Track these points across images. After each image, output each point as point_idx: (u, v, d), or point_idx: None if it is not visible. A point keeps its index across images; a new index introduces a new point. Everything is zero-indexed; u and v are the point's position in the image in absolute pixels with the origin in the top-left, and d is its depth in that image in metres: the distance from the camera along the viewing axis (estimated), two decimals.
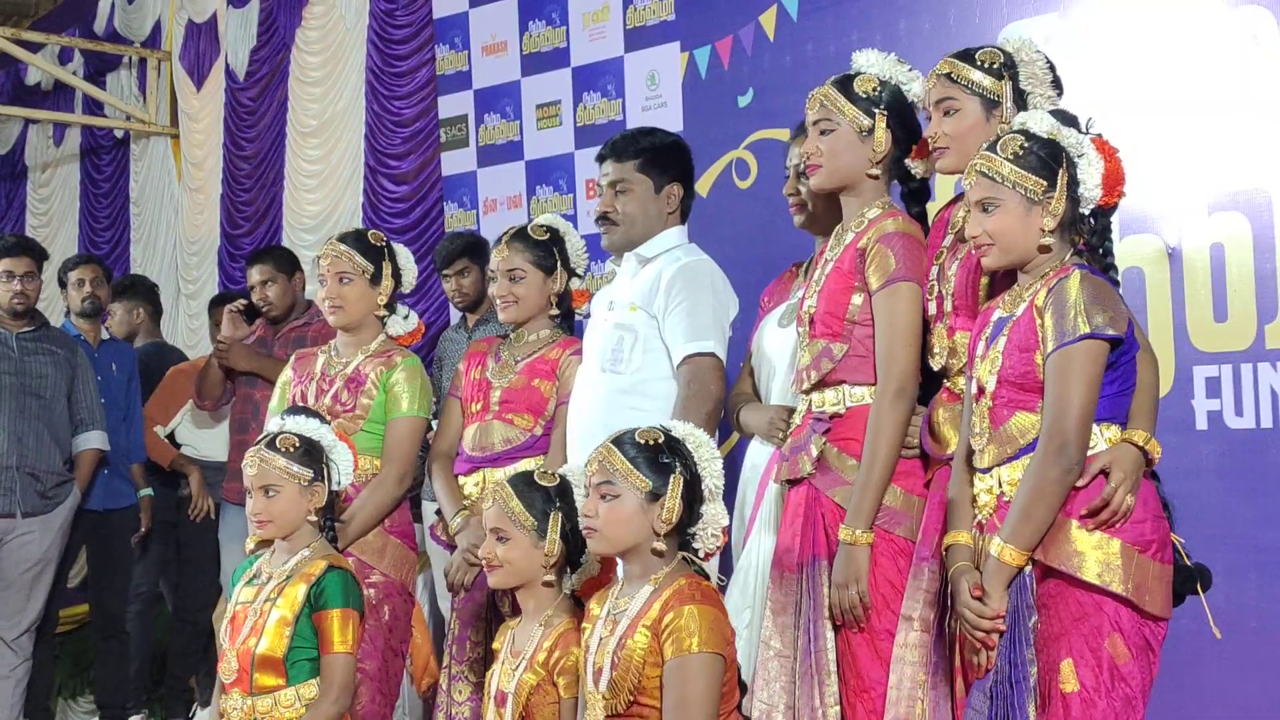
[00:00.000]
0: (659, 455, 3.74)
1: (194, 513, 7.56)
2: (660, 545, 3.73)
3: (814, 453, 3.95)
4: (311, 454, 4.37)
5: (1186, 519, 3.66)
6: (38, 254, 7.09)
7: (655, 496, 3.72)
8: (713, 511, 3.78)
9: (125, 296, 8.20)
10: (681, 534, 3.77)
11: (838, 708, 3.85)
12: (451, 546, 4.82)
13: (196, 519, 7.56)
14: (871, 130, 4.00)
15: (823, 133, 4.04)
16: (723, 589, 4.18)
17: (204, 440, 7.68)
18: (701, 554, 3.81)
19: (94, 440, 7.03)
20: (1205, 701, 5.00)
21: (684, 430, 3.82)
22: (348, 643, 4.21)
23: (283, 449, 4.33)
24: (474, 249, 6.83)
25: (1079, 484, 3.36)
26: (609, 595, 3.83)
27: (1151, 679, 3.40)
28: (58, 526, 6.89)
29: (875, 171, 4.02)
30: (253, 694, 4.21)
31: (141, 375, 7.60)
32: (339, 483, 4.45)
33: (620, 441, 3.78)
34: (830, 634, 3.88)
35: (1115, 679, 3.33)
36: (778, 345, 4.44)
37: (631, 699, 3.64)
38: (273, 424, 4.50)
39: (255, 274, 7.04)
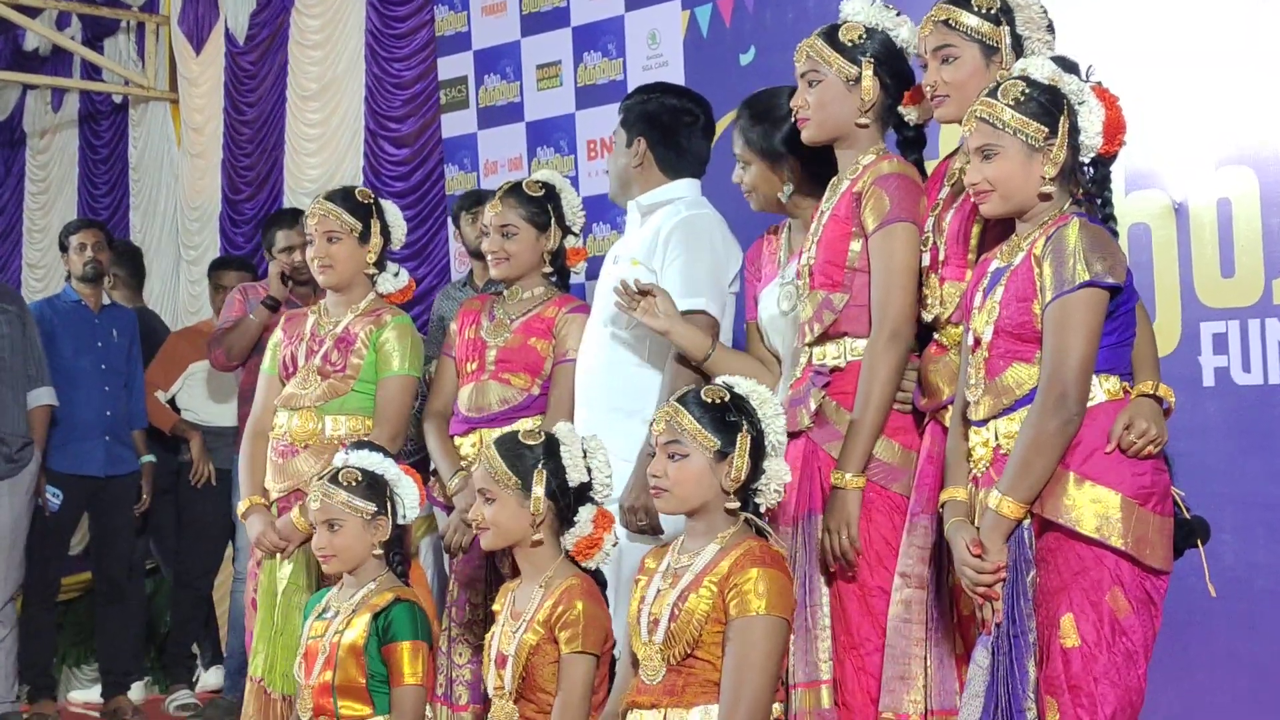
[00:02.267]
0: (725, 414, 3.71)
1: (195, 478, 7.53)
2: (731, 504, 3.72)
3: (812, 406, 3.92)
4: (374, 488, 4.38)
5: (1194, 476, 3.64)
6: None
7: (723, 455, 3.69)
8: (775, 467, 3.75)
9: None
10: (745, 490, 3.74)
11: (830, 662, 3.84)
12: (448, 508, 4.78)
13: (197, 484, 7.53)
14: (858, 79, 3.96)
15: (810, 84, 4.01)
16: None
17: (205, 405, 7.65)
18: (763, 509, 3.79)
19: (44, 397, 6.97)
20: (1213, 660, 4.97)
21: (748, 387, 3.79)
22: (418, 674, 4.25)
23: (345, 483, 4.35)
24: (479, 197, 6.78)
25: (1106, 450, 3.31)
26: (669, 550, 3.82)
27: (1154, 633, 3.37)
28: (24, 490, 6.86)
29: (864, 121, 3.98)
30: None
31: None
32: (404, 516, 4.45)
33: (686, 401, 3.75)
34: (824, 589, 3.87)
35: (1116, 633, 3.30)
36: (779, 332, 4.36)
37: (688, 651, 3.63)
38: (337, 458, 4.50)
39: (293, 237, 6.85)
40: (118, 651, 7.46)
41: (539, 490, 4.02)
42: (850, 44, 3.97)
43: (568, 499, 4.05)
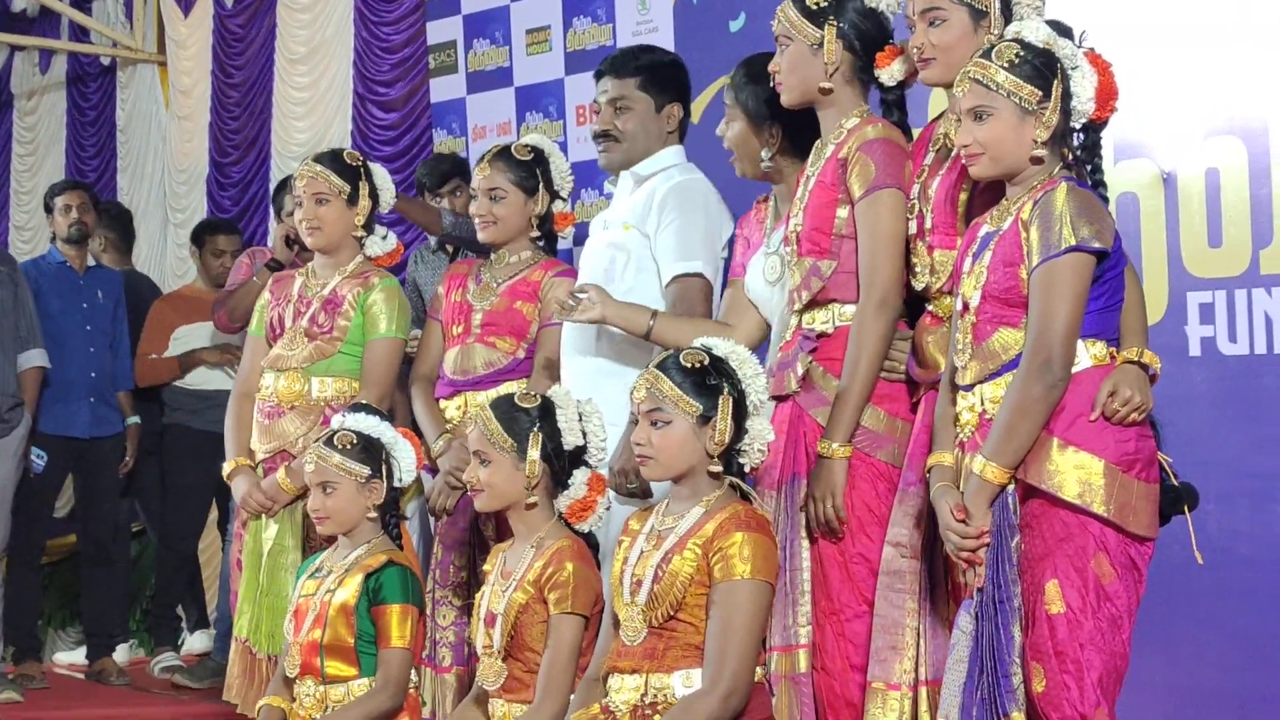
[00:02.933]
0: (706, 378, 3.70)
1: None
2: (715, 467, 3.72)
3: (799, 371, 3.91)
4: (370, 451, 4.38)
5: (1179, 445, 3.62)
6: None
7: (706, 419, 3.69)
8: (758, 427, 3.75)
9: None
10: (729, 452, 3.74)
11: (809, 627, 3.84)
12: (434, 471, 4.78)
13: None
14: (821, 43, 3.95)
15: (782, 49, 4.01)
16: None
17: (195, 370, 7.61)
18: (747, 468, 3.79)
19: (36, 359, 6.97)
20: (1196, 628, 4.99)
21: (726, 348, 3.78)
22: (405, 638, 4.26)
23: (340, 446, 4.35)
24: (464, 167, 6.76)
25: (1090, 418, 3.32)
26: (653, 512, 3.82)
27: (1138, 599, 3.37)
28: (12, 452, 6.86)
29: (828, 85, 3.96)
30: (325, 682, 4.28)
31: None
32: (401, 480, 4.45)
33: (666, 367, 3.74)
34: (806, 553, 3.87)
35: (1101, 599, 3.30)
36: (766, 301, 4.35)
37: (670, 614, 3.63)
38: (335, 420, 4.50)
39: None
40: (103, 613, 7.47)
41: (535, 453, 4.02)
42: (815, 8, 3.96)
43: (562, 462, 4.06)
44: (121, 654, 7.60)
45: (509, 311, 4.78)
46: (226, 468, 4.90)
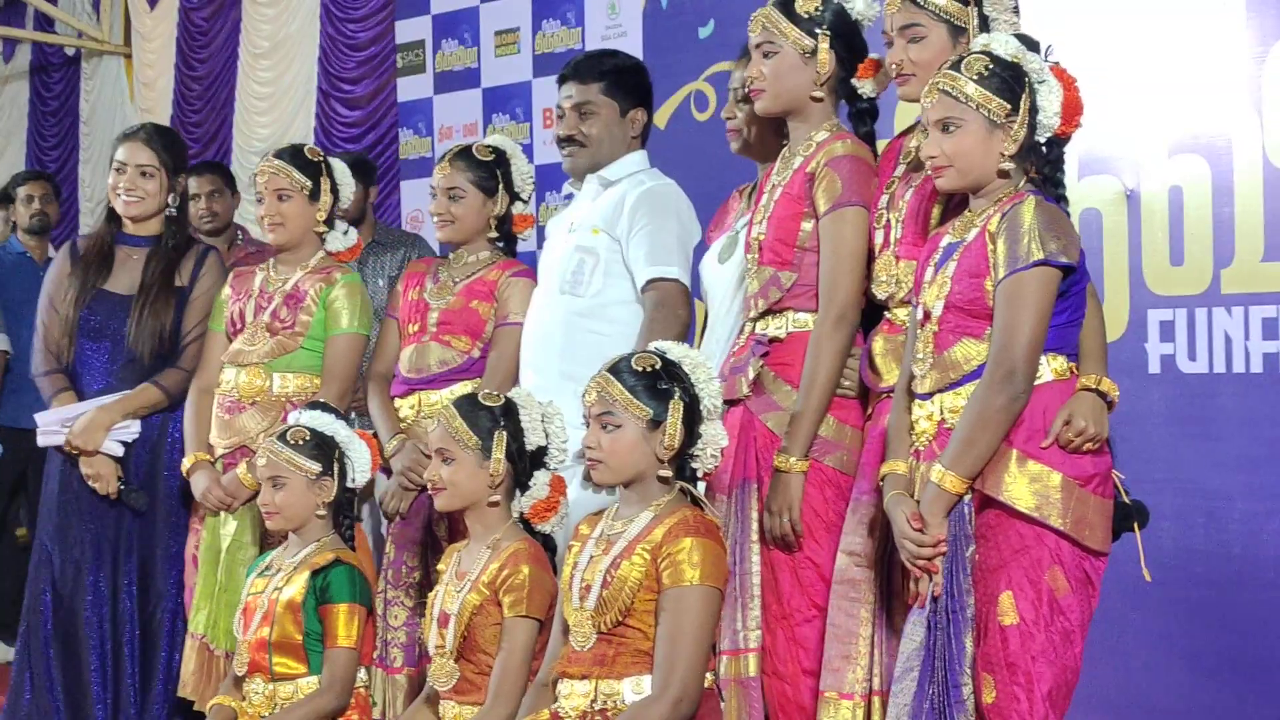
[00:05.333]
0: (657, 382, 3.69)
1: None
2: (665, 472, 3.70)
3: (751, 375, 3.92)
4: (322, 448, 4.38)
5: (1136, 463, 3.66)
6: None
7: (656, 424, 3.67)
8: (711, 432, 3.74)
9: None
10: (681, 456, 3.73)
11: (759, 631, 3.85)
12: (387, 471, 4.76)
13: None
14: (814, 52, 3.95)
15: (765, 55, 4.00)
16: None
17: None
18: (700, 474, 3.79)
19: None
20: (1148, 645, 5.01)
21: (679, 352, 3.78)
22: (351, 638, 4.26)
23: (292, 441, 4.35)
24: (362, 165, 6.72)
25: (1043, 444, 3.32)
26: (602, 517, 3.81)
27: (1091, 613, 3.38)
28: None
29: (819, 94, 3.97)
30: (274, 680, 4.28)
31: None
32: (354, 480, 4.45)
33: (618, 370, 3.73)
34: (756, 558, 3.88)
35: (1054, 612, 3.30)
36: (718, 281, 4.39)
37: (619, 619, 3.62)
38: (290, 417, 4.50)
39: (205, 183, 6.76)
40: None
41: (499, 452, 4.02)
42: (807, 15, 3.96)
43: (524, 463, 4.07)
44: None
45: (465, 310, 4.76)
46: (186, 463, 4.87)
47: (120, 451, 5.00)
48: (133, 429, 5.01)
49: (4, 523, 7.49)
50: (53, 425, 5.04)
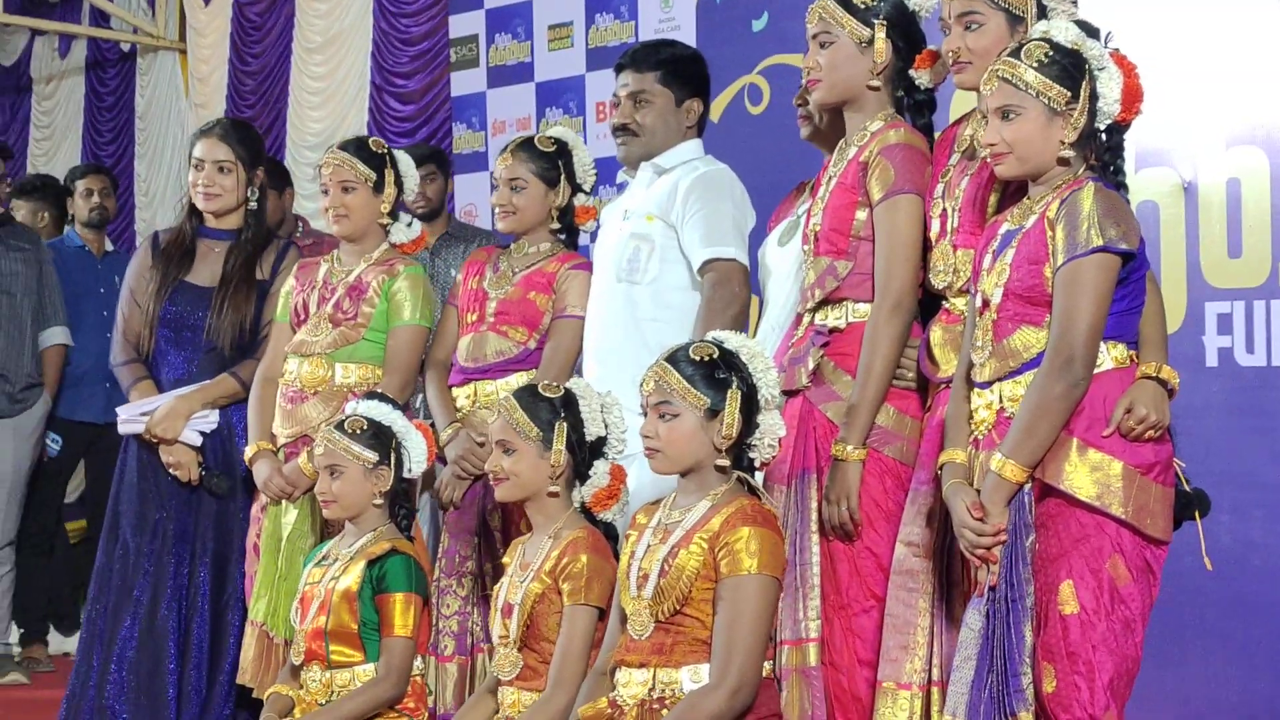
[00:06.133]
0: (715, 371, 3.69)
1: None
2: (723, 461, 3.70)
3: (810, 365, 3.91)
4: (379, 438, 4.40)
5: (1194, 456, 3.63)
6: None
7: (714, 413, 3.67)
8: (769, 421, 3.74)
9: (32, 197, 7.91)
10: (738, 446, 3.74)
11: (819, 621, 3.84)
12: (442, 459, 4.78)
13: None
14: (871, 41, 3.95)
15: (822, 46, 4.00)
16: None
17: None
18: (758, 463, 3.78)
19: (57, 336, 6.98)
20: (1207, 638, 4.99)
21: (737, 342, 3.78)
22: (408, 627, 4.29)
23: (350, 430, 4.38)
24: (439, 157, 6.76)
25: (1105, 433, 3.31)
26: (660, 506, 3.81)
27: (1152, 602, 3.37)
28: (29, 433, 6.87)
29: (876, 83, 3.97)
30: (330, 668, 4.31)
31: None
32: (410, 470, 4.47)
33: (675, 359, 3.73)
34: (815, 548, 3.87)
35: (1115, 601, 3.29)
36: (777, 263, 4.40)
37: (677, 608, 3.62)
38: (348, 407, 4.54)
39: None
40: None
41: (560, 443, 4.05)
42: (863, 6, 3.96)
43: (584, 453, 4.09)
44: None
45: (523, 301, 4.77)
46: (248, 451, 4.91)
47: (198, 441, 5.06)
48: (211, 419, 5.07)
49: (58, 516, 7.53)
50: (133, 415, 5.08)
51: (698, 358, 3.71)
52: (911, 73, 3.98)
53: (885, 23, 3.95)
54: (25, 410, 6.81)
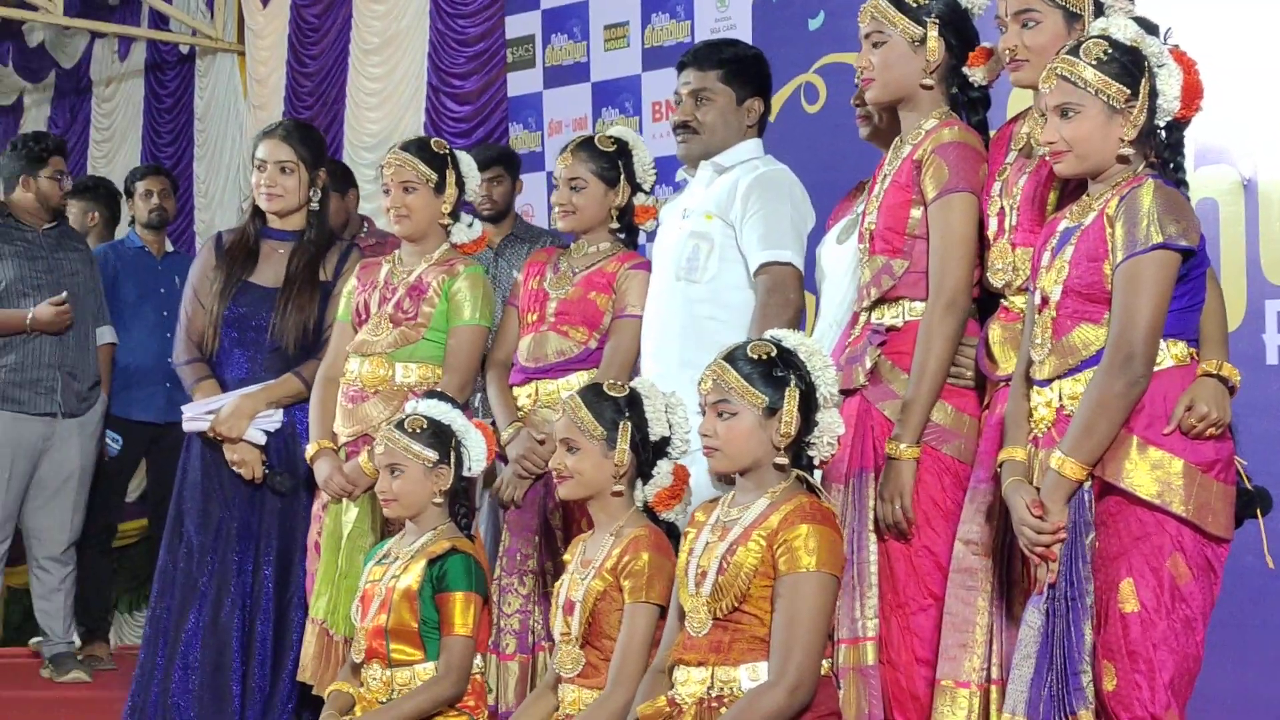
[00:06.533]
0: (773, 369, 3.69)
1: None
2: (782, 459, 3.70)
3: (868, 364, 3.91)
4: (439, 437, 4.42)
5: (1255, 455, 3.61)
6: None
7: (772, 411, 3.68)
8: (828, 420, 3.74)
9: (84, 197, 7.96)
10: (797, 444, 3.74)
11: (876, 620, 3.85)
12: (503, 459, 4.80)
13: None
14: (923, 40, 3.95)
15: (875, 45, 4.00)
16: None
17: None
18: (816, 462, 3.78)
19: (106, 335, 7.05)
20: (1268, 636, 4.96)
21: (795, 340, 3.78)
22: (468, 626, 4.29)
23: (410, 430, 4.40)
24: (507, 158, 6.78)
25: (1165, 431, 3.30)
26: (718, 504, 3.81)
27: (1213, 600, 3.35)
28: (92, 431, 6.93)
29: (929, 82, 3.97)
30: (391, 666, 4.33)
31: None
32: (469, 469, 4.49)
33: (733, 358, 3.74)
34: (873, 546, 3.87)
35: (1176, 599, 3.29)
36: (834, 262, 4.41)
37: (735, 606, 3.62)
38: (407, 406, 4.56)
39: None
40: None
41: (625, 443, 4.06)
42: (915, 4, 3.96)
43: (648, 452, 4.10)
44: None
45: (583, 301, 4.79)
46: (309, 450, 4.95)
47: (263, 440, 5.11)
48: (275, 418, 5.11)
49: (114, 514, 7.56)
50: (198, 413, 5.13)
51: (756, 356, 3.71)
52: (965, 70, 3.97)
53: (937, 21, 3.95)
54: (90, 408, 6.88)
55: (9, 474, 6.72)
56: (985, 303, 3.89)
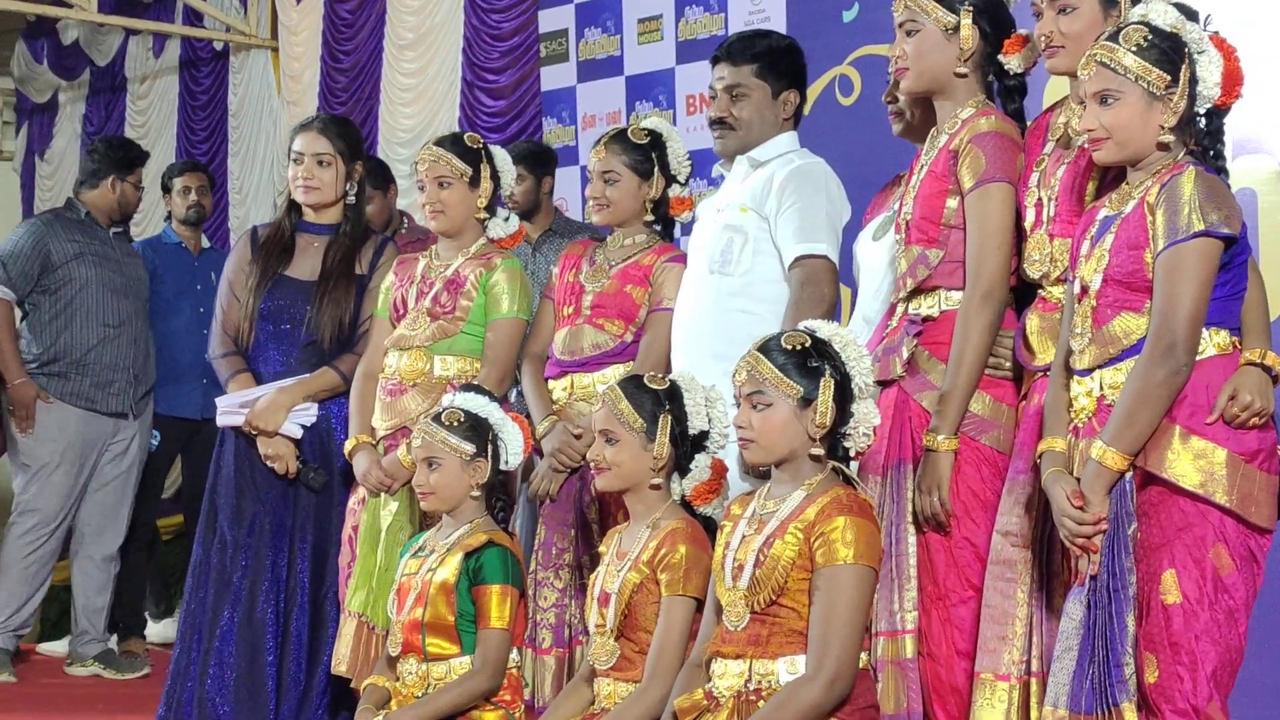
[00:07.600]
0: (807, 360, 3.67)
1: None
2: (817, 450, 3.68)
3: (905, 355, 3.90)
4: (476, 430, 4.42)
5: None
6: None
7: (807, 402, 3.66)
8: (864, 410, 3.72)
9: None
10: (833, 435, 3.72)
11: (915, 612, 3.83)
12: (538, 452, 4.80)
13: None
14: (957, 28, 3.93)
15: (909, 34, 3.99)
16: None
17: None
18: (853, 452, 3.76)
19: None
20: None
21: (829, 330, 3.76)
22: (504, 619, 4.29)
23: (447, 423, 4.40)
24: (531, 157, 6.76)
25: (1208, 420, 3.28)
26: (754, 496, 3.80)
27: (1255, 592, 3.33)
28: (146, 429, 7.07)
29: (964, 70, 3.96)
30: (427, 660, 4.33)
31: None
32: (507, 462, 4.49)
33: (767, 349, 3.72)
34: (912, 538, 3.86)
35: (1219, 590, 3.27)
36: (870, 257, 4.39)
37: (772, 599, 3.61)
38: (445, 399, 4.56)
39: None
40: None
41: (665, 435, 4.05)
42: None
43: (686, 446, 4.09)
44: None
45: (619, 294, 4.78)
46: (348, 445, 4.96)
47: (299, 434, 5.11)
48: (311, 412, 5.12)
49: (152, 511, 7.58)
50: (232, 406, 5.14)
51: (790, 347, 3.69)
52: (1001, 58, 3.96)
53: (971, 8, 3.94)
54: (147, 407, 7.01)
55: (78, 469, 6.85)
56: (1022, 293, 3.87)
